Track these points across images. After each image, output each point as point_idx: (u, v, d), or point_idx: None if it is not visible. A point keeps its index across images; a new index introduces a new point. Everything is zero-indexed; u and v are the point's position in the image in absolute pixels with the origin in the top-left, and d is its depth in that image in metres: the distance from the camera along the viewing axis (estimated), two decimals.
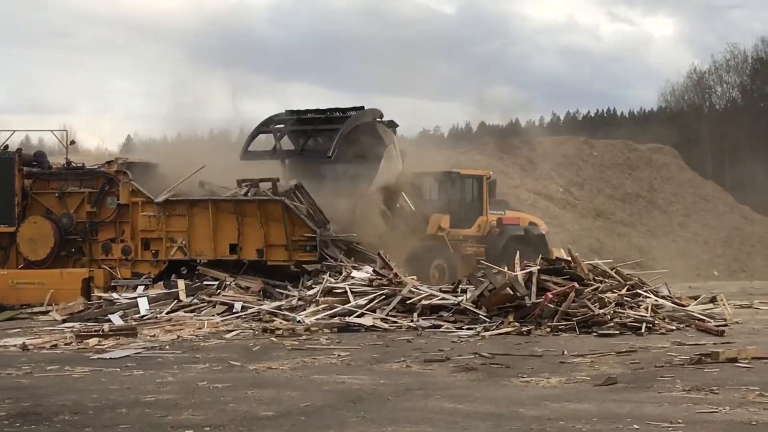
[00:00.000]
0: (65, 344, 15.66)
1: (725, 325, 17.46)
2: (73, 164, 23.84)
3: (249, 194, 22.42)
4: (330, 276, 20.42)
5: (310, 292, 19.58)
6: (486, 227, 27.29)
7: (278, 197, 21.99)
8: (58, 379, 11.74)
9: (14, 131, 24.68)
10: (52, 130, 25.73)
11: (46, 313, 20.67)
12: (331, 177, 24.35)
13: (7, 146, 23.71)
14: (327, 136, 24.57)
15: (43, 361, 13.52)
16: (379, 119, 25.25)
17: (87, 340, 15.75)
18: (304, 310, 18.58)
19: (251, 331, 17.04)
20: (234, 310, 19.09)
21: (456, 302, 18.11)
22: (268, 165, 24.42)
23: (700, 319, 17.85)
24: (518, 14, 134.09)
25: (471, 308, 17.78)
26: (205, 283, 21.22)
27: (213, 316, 18.84)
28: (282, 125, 25.86)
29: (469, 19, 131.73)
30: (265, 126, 25.96)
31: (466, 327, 17.02)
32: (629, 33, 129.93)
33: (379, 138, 24.83)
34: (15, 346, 15.48)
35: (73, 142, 24.50)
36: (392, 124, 25.46)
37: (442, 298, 18.48)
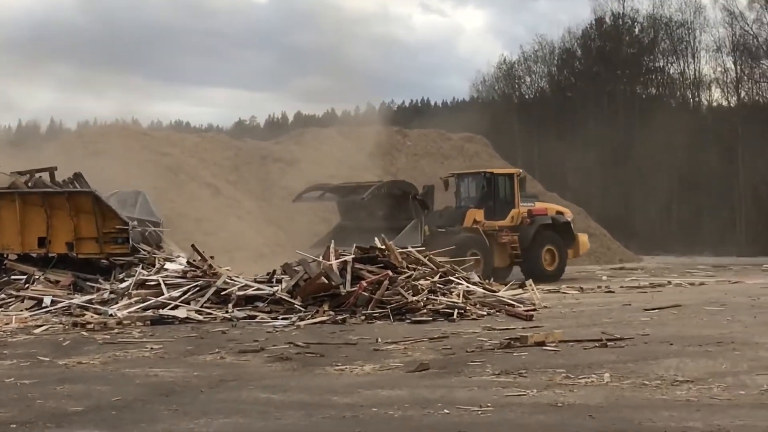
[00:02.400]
0: None
1: (534, 310, 17.95)
2: None
3: (29, 185, 22.23)
4: (143, 268, 20.13)
5: (123, 285, 19.27)
6: (518, 218, 30.63)
7: (89, 189, 21.57)
8: None
9: None
10: None
11: None
12: (365, 215, 29.51)
13: None
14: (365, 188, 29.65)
15: None
16: (415, 197, 29.13)
17: None
18: (117, 303, 18.28)
19: (61, 325, 16.66)
20: (43, 305, 18.64)
21: (271, 292, 18.10)
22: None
23: (509, 305, 18.30)
24: (331, 4, 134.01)
25: (286, 298, 17.81)
26: (12, 277, 20.61)
27: (21, 311, 18.34)
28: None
29: (282, 9, 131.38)
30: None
31: (281, 317, 17.04)
32: (441, 24, 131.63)
33: (410, 210, 28.80)
34: None
35: None
36: (425, 205, 29.13)
37: (257, 289, 18.44)
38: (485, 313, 17.54)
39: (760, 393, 9.19)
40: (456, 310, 17.08)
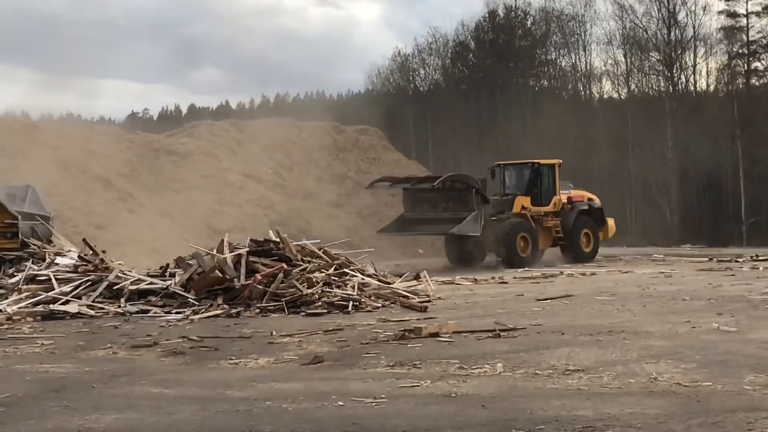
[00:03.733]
0: None
1: (428, 301, 18.07)
2: None
3: None
4: (33, 263, 19.80)
5: (12, 280, 18.94)
6: (559, 204, 33.73)
7: None
8: None
9: None
10: None
11: None
12: (429, 207, 32.40)
13: None
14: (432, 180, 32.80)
15: None
16: (477, 190, 31.33)
17: None
18: (6, 298, 17.96)
19: None
20: None
21: (164, 286, 17.97)
22: None
23: (404, 296, 18.41)
24: None
25: (180, 292, 17.71)
26: None
27: None
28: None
29: (175, 1, 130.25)
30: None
31: (174, 311, 16.95)
32: (336, 16, 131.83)
33: (472, 203, 31.08)
34: None
35: None
36: (485, 199, 31.69)
37: (150, 283, 18.28)
38: (380, 305, 17.62)
39: (649, 381, 9.39)
40: (351, 303, 17.13)
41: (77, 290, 18.04)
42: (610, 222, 35.81)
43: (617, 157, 63.03)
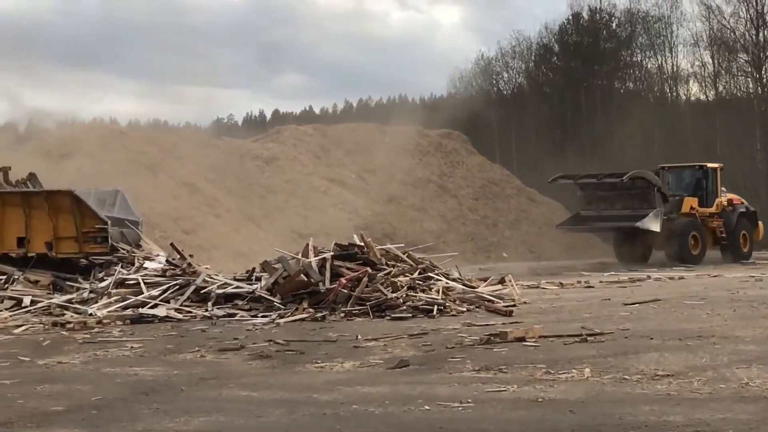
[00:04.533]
0: None
1: (513, 306, 17.99)
2: None
3: None
4: (122, 267, 20.10)
5: (102, 284, 19.24)
6: (721, 206, 35.94)
7: (68, 189, 21.54)
8: None
9: None
10: None
11: None
12: (606, 205, 34.58)
13: None
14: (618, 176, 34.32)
15: None
16: (659, 189, 33.67)
17: None
18: (96, 302, 18.25)
19: (41, 325, 16.63)
20: (23, 305, 18.58)
21: (250, 290, 18.11)
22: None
23: (489, 300, 18.34)
24: (306, 2, 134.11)
25: (265, 296, 17.82)
26: None
27: (1, 311, 18.28)
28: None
29: (257, 6, 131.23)
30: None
31: (260, 315, 17.05)
32: (418, 20, 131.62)
33: (654, 200, 33.44)
34: None
35: None
36: (665, 198, 33.89)
37: (237, 287, 18.44)
38: (465, 309, 17.57)
39: (740, 386, 9.24)
40: (435, 307, 17.09)
41: (165, 294, 18.27)
42: (761, 225, 37.85)
43: (704, 160, 62.10)
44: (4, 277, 20.45)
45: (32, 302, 18.66)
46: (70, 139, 39.43)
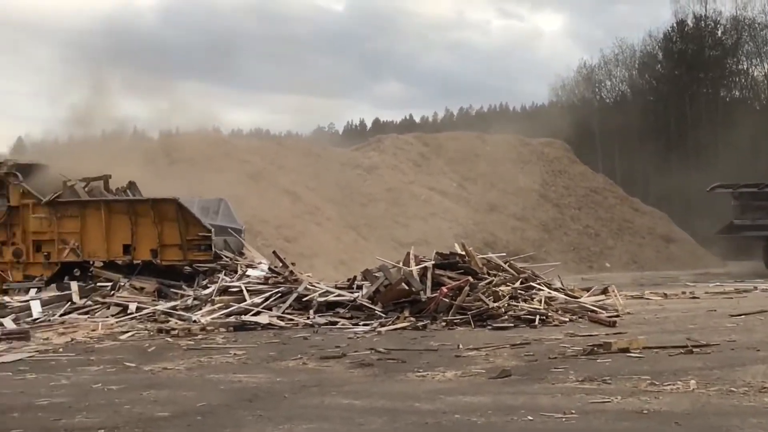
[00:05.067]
0: None
1: (617, 316, 17.76)
2: None
3: (86, 188, 22.95)
4: (225, 275, 20.33)
5: (206, 292, 19.47)
6: None
7: (172, 197, 21.86)
8: None
9: None
10: None
11: None
12: (762, 214, 35.23)
13: None
14: None
15: None
16: None
17: None
18: (200, 309, 18.47)
19: (146, 332, 16.88)
20: (129, 311, 18.88)
21: (352, 299, 18.16)
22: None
23: (592, 311, 18.13)
24: (407, 11, 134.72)
25: (367, 304, 17.85)
26: (98, 284, 20.94)
27: (107, 317, 18.60)
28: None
29: (358, 16, 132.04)
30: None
31: (362, 323, 17.08)
32: (519, 28, 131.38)
33: None
34: None
35: None
36: None
37: (338, 295, 18.51)
38: (567, 319, 17.39)
39: None
40: (538, 317, 16.97)
41: (268, 301, 18.42)
42: None
43: None
44: (111, 283, 20.83)
45: (138, 309, 18.95)
46: (174, 148, 40.02)
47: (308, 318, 17.61)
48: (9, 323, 18.25)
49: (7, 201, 22.52)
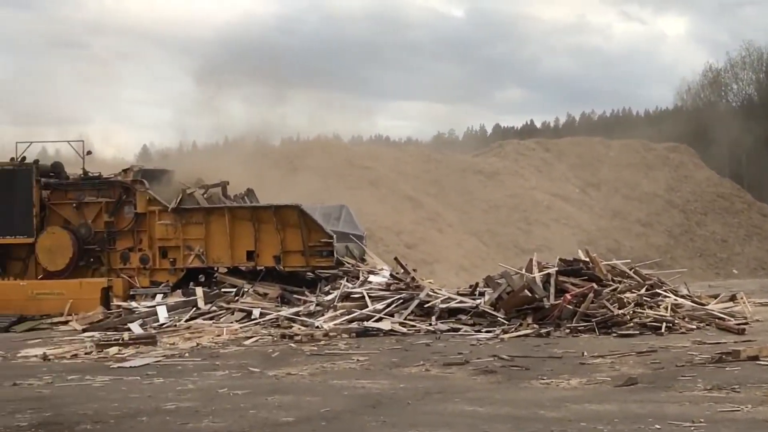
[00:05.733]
0: (85, 354, 15.67)
1: (746, 324, 17.35)
2: (89, 174, 23.78)
3: (205, 195, 23.27)
4: (347, 281, 20.41)
5: (328, 298, 19.58)
6: None
7: (295, 203, 22.05)
8: (78, 389, 11.76)
9: (31, 143, 24.62)
10: (68, 141, 25.65)
11: (65, 323, 20.67)
12: None
13: (24, 158, 23.69)
14: None
15: (64, 370, 13.54)
16: None
17: (107, 350, 15.77)
18: (323, 315, 18.58)
19: (270, 337, 17.05)
20: (252, 317, 19.09)
21: (474, 305, 18.08)
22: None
23: (720, 318, 17.75)
24: (528, 16, 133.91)
25: (489, 311, 17.76)
26: (223, 290, 21.21)
27: (232, 323, 18.82)
28: None
29: (478, 22, 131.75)
30: None
31: (484, 330, 16.99)
32: (641, 32, 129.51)
33: None
34: (36, 356, 15.52)
35: (89, 153, 24.42)
36: None
37: (460, 301, 18.44)
38: (694, 326, 17.06)
39: None
40: (664, 324, 16.67)
41: (389, 308, 18.44)
42: None
43: None
44: (235, 289, 21.08)
45: (261, 314, 19.15)
46: (295, 155, 40.44)
47: (430, 324, 17.58)
48: (136, 328, 18.63)
49: (134, 208, 22.96)
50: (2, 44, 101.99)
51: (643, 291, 18.58)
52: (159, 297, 21.28)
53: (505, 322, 17.28)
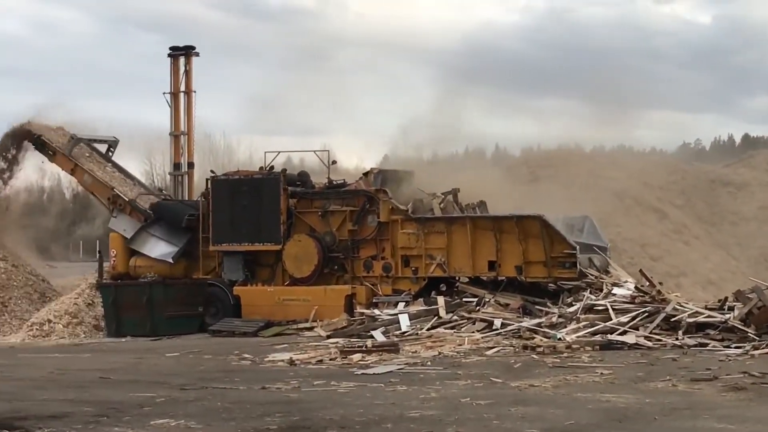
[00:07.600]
0: (330, 360, 16.02)
1: None
2: (334, 183, 24.30)
3: (441, 204, 23.46)
4: (590, 293, 20.13)
5: (571, 309, 19.34)
6: None
7: (537, 214, 21.92)
8: (324, 394, 12.01)
9: (279, 152, 25.44)
10: (314, 151, 26.36)
11: (311, 328, 21.20)
12: None
13: (272, 167, 24.44)
14: None
15: (310, 375, 13.88)
16: None
17: (351, 356, 16.07)
18: (565, 327, 18.36)
19: (511, 348, 16.99)
20: (494, 327, 19.06)
21: (723, 320, 17.51)
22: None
23: None
24: None
25: (739, 326, 17.16)
26: (464, 299, 21.27)
27: (473, 332, 18.85)
28: None
29: (726, 28, 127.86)
30: None
31: (734, 345, 16.44)
32: None
33: None
34: (283, 361, 15.97)
35: (334, 162, 25.01)
36: None
37: (708, 316, 17.90)
38: None
39: None
40: None
41: (634, 321, 18.07)
42: None
43: None
44: (476, 299, 21.11)
45: (503, 325, 19.10)
46: (537, 164, 40.27)
47: (677, 339, 17.13)
48: (379, 336, 18.89)
49: (377, 217, 23.30)
50: (244, 53, 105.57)
51: None
52: (401, 305, 21.51)
53: (755, 338, 16.66)
